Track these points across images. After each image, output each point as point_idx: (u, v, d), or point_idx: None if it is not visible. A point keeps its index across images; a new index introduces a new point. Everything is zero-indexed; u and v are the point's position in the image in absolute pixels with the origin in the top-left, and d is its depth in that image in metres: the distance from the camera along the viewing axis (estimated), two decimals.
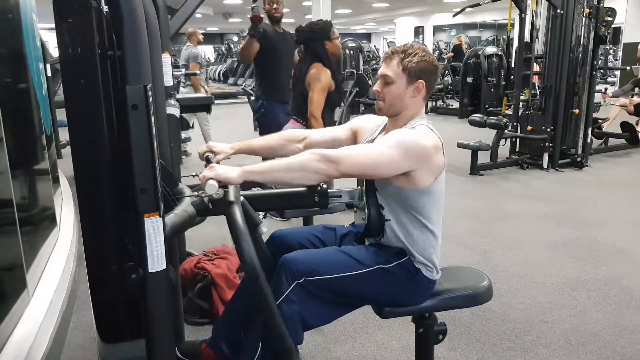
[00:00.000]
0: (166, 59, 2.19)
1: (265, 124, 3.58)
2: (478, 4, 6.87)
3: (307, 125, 3.06)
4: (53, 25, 1.15)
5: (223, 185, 1.36)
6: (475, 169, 5.22)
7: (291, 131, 1.80)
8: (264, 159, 1.75)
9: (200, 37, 6.26)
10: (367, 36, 30.33)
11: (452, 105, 10.35)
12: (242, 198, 1.43)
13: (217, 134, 5.78)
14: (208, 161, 1.60)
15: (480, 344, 2.21)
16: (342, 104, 7.99)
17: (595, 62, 5.31)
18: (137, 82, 1.08)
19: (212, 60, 17.79)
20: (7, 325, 1.83)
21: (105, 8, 1.21)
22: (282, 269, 1.45)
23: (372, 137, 1.65)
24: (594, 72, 5.34)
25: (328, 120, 3.11)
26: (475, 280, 1.68)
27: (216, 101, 7.07)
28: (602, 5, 5.14)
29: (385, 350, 2.17)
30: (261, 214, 3.37)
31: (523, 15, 5.48)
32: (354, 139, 1.73)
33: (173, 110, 1.70)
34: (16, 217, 2.04)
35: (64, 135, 6.00)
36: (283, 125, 3.47)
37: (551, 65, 5.23)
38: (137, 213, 1.13)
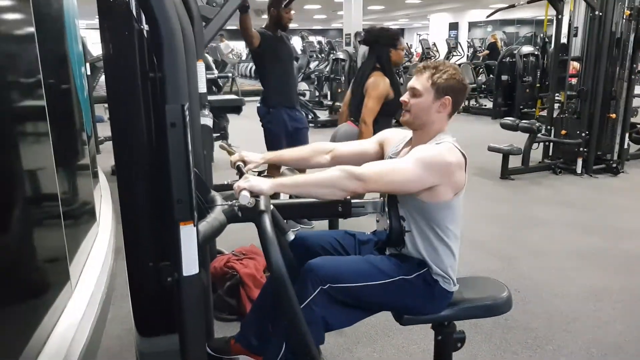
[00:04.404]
0: (200, 67, 2.30)
1: (272, 130, 3.57)
2: (513, 6, 6.77)
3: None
4: (91, 22, 1.25)
5: (255, 195, 1.43)
6: (506, 173, 5.17)
7: (319, 144, 1.85)
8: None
9: None
10: (401, 32, 30.04)
11: (485, 105, 10.19)
12: (271, 207, 1.51)
13: (244, 131, 5.77)
14: (239, 170, 1.69)
15: (500, 352, 2.24)
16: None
17: (634, 65, 5.16)
18: (175, 101, 1.17)
19: (244, 57, 17.96)
20: (52, 316, 1.98)
21: (146, 27, 1.31)
22: (307, 274, 1.52)
23: (397, 150, 1.70)
24: (632, 76, 5.19)
25: (384, 127, 3.17)
26: (495, 290, 1.71)
27: (246, 98, 7.20)
28: None
29: (405, 354, 2.23)
30: (293, 222, 3.44)
31: (560, 16, 5.38)
32: (381, 152, 1.78)
33: (207, 120, 1.79)
34: (61, 212, 2.18)
35: (102, 131, 6.24)
36: (290, 130, 3.55)
37: (588, 67, 5.13)
38: (173, 221, 1.22)
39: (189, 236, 1.24)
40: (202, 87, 2.32)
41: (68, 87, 2.67)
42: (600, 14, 4.92)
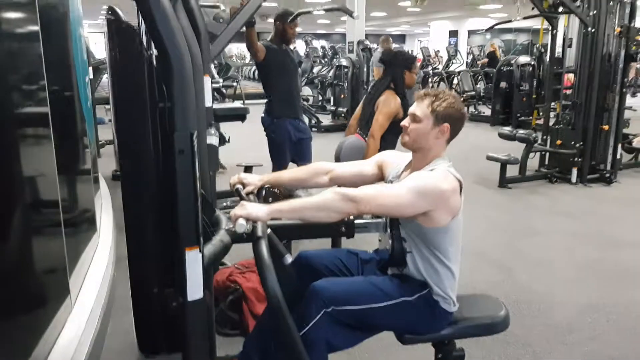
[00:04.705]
0: (207, 82, 2.33)
1: (276, 140, 3.63)
2: (509, 21, 6.87)
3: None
4: (93, 22, 1.27)
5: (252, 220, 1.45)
6: (504, 181, 5.23)
7: (318, 164, 1.87)
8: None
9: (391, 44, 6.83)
10: (402, 37, 30.21)
11: (483, 113, 10.28)
12: (269, 230, 1.52)
13: (246, 135, 5.56)
14: (238, 192, 1.71)
15: None
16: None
17: (625, 79, 5.28)
18: (184, 129, 1.20)
19: (248, 60, 18.00)
20: (52, 333, 1.98)
21: (155, 52, 1.34)
22: (311, 296, 1.55)
23: (398, 174, 1.74)
24: (624, 89, 5.31)
25: (392, 145, 3.16)
26: (493, 309, 1.75)
27: (250, 101, 7.20)
28: (633, 25, 5.11)
29: None
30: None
31: (555, 31, 5.46)
32: (380, 174, 1.81)
33: (213, 139, 1.82)
34: (62, 225, 2.20)
35: (102, 134, 6.23)
36: (294, 140, 3.60)
37: (582, 81, 5.23)
38: (179, 246, 1.25)
39: (194, 261, 1.26)
40: (208, 101, 2.36)
41: (72, 95, 2.70)
42: (593, 30, 5.03)
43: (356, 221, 1.69)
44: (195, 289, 1.28)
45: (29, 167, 1.71)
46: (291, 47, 3.84)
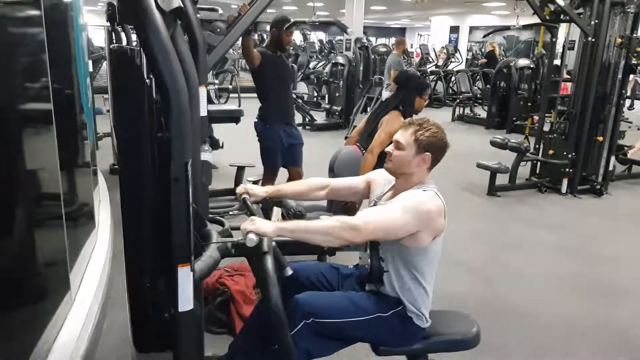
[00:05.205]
0: (202, 93, 2.42)
1: (267, 146, 3.72)
2: (508, 27, 6.93)
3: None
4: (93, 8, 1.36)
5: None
6: (493, 189, 5.31)
7: (316, 180, 2.02)
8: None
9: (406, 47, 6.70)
10: (402, 31, 30.16)
11: (479, 115, 10.31)
12: (273, 244, 1.63)
13: (238, 131, 5.52)
14: (244, 202, 1.85)
15: None
16: (368, 109, 8.06)
17: (623, 90, 5.33)
18: (179, 158, 1.29)
19: None
20: (53, 328, 2.09)
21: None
22: (294, 308, 1.66)
23: (381, 194, 1.85)
24: (621, 101, 5.37)
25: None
26: (465, 326, 1.86)
27: (245, 94, 7.21)
28: (634, 35, 5.14)
29: None
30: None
31: (554, 39, 5.52)
32: (368, 190, 1.95)
33: (206, 156, 1.91)
34: (64, 223, 2.30)
35: (100, 125, 6.29)
36: (285, 146, 3.71)
37: (579, 90, 5.27)
38: (172, 262, 1.35)
39: (185, 276, 1.37)
40: (203, 111, 2.44)
41: (73, 97, 2.80)
42: (593, 39, 5.06)
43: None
44: (186, 302, 1.39)
45: (32, 161, 1.84)
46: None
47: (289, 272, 1.70)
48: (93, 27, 7.11)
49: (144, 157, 1.44)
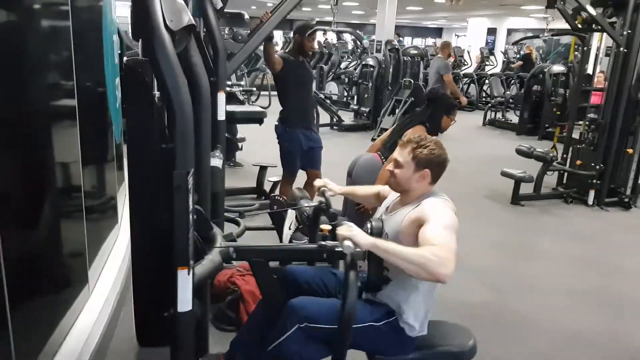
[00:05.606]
0: (221, 97, 2.52)
1: (288, 149, 3.82)
2: (537, 36, 6.81)
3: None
4: None
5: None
6: (517, 198, 5.23)
7: (384, 189, 2.08)
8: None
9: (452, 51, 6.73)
10: (439, 31, 29.80)
11: (511, 120, 10.12)
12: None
13: (263, 130, 5.42)
14: (323, 194, 2.09)
15: None
16: (396, 111, 8.07)
17: None
18: (182, 168, 1.37)
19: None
20: (70, 318, 2.22)
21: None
22: (289, 311, 1.72)
23: (387, 205, 1.93)
24: None
25: None
26: (461, 338, 1.88)
27: (275, 92, 7.30)
28: None
29: None
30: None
31: (585, 48, 5.39)
32: (380, 201, 2.07)
33: (216, 161, 1.99)
34: (84, 220, 2.43)
35: None
36: (305, 149, 3.79)
37: (609, 100, 5.15)
38: (173, 265, 1.44)
39: (184, 279, 1.45)
40: (222, 115, 2.54)
41: (103, 97, 2.95)
42: (625, 50, 4.93)
43: (336, 249, 1.84)
44: (185, 303, 1.47)
45: (53, 156, 1.98)
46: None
47: None
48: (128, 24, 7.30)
49: (152, 166, 1.52)
